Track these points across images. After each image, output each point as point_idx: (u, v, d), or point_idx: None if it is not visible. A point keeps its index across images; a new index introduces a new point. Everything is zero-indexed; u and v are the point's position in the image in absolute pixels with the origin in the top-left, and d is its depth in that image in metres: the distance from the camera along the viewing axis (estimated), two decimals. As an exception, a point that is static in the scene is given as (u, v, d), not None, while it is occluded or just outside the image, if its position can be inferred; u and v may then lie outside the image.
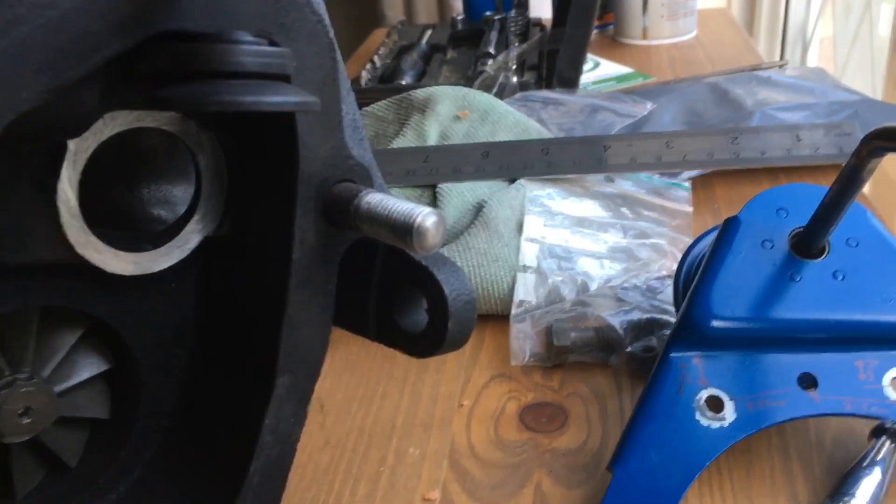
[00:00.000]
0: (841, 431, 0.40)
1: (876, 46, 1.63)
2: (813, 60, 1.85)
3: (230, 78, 0.22)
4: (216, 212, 0.29)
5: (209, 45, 0.22)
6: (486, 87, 0.78)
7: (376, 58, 0.94)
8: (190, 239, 0.28)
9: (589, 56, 0.92)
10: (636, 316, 0.47)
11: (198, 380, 0.32)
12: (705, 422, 0.36)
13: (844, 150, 0.61)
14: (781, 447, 0.40)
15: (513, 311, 0.50)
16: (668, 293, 0.49)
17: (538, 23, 1.01)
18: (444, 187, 0.58)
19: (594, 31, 0.94)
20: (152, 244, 0.28)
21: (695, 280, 0.39)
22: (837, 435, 0.40)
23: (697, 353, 0.38)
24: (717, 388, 0.37)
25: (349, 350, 0.50)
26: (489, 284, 0.51)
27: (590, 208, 0.58)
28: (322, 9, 0.26)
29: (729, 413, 0.36)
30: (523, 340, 0.48)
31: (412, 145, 0.63)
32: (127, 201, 0.30)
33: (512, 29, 0.96)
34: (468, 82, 0.80)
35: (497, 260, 0.52)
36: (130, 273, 0.27)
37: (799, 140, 0.62)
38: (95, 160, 0.25)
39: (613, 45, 1.05)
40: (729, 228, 0.40)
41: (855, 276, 0.38)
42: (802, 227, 0.39)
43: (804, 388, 0.37)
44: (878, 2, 1.63)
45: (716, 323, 0.37)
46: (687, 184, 0.62)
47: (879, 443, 0.37)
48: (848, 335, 0.38)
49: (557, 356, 0.47)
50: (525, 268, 0.51)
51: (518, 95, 0.77)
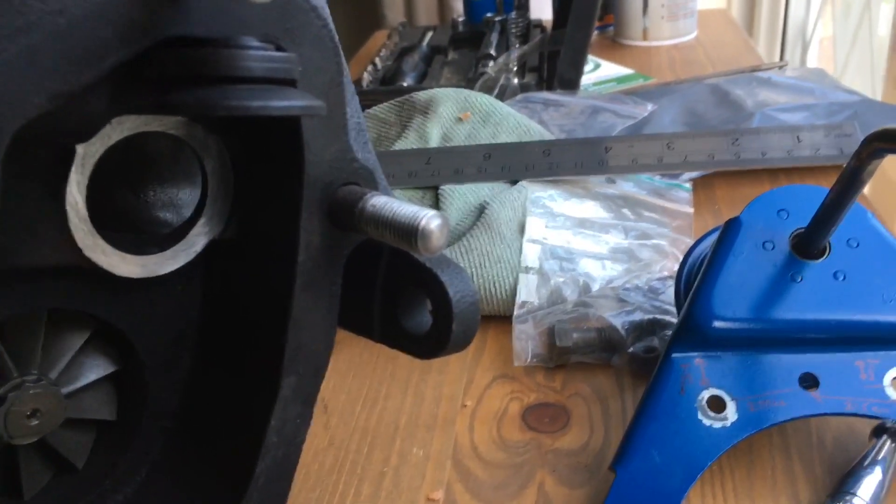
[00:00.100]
0: (842, 431, 0.41)
1: (875, 47, 1.64)
2: (813, 61, 1.85)
3: (237, 83, 0.23)
4: (222, 215, 0.29)
5: (216, 51, 0.22)
6: (488, 89, 0.78)
7: (377, 60, 0.95)
8: (196, 242, 0.29)
9: (589, 57, 0.93)
10: (638, 317, 0.48)
11: (202, 381, 0.32)
12: (707, 422, 0.36)
13: (845, 151, 0.61)
14: (783, 447, 0.40)
15: (515, 312, 0.50)
16: (670, 294, 0.49)
17: (539, 24, 1.01)
18: (447, 189, 0.58)
19: (594, 33, 0.94)
20: (159, 247, 0.28)
21: (696, 281, 0.40)
22: (838, 434, 0.40)
23: (699, 354, 0.38)
24: (719, 389, 0.37)
25: (352, 351, 0.50)
26: (491, 285, 0.51)
27: (591, 209, 0.58)
28: (327, 13, 0.26)
29: (730, 413, 0.37)
30: (525, 341, 0.48)
31: (414, 147, 0.63)
32: (133, 204, 0.30)
33: (513, 30, 0.96)
34: (469, 84, 0.80)
35: (499, 261, 0.52)
36: (137, 276, 0.27)
37: (799, 141, 0.62)
38: (102, 164, 0.26)
39: (614, 47, 1.05)
40: (730, 229, 0.40)
41: (855, 277, 0.38)
42: (803, 228, 0.39)
43: (805, 388, 0.37)
44: (878, 2, 1.63)
45: (717, 323, 0.38)
46: (688, 185, 0.62)
47: (880, 442, 0.37)
48: (849, 335, 0.38)
49: (560, 357, 0.47)
50: (527, 269, 0.52)
51: (519, 97, 0.77)
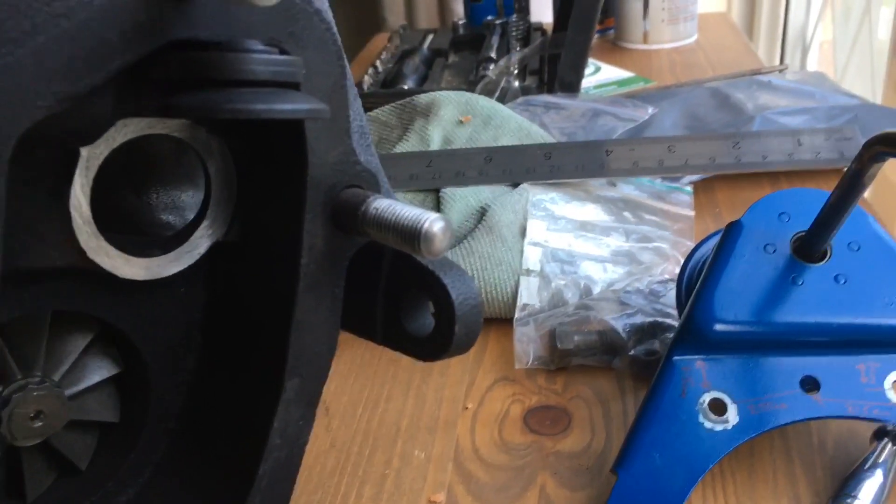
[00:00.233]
0: (843, 434, 0.41)
1: (875, 50, 1.64)
2: (812, 64, 1.85)
3: (242, 86, 0.23)
4: (225, 217, 0.29)
5: (221, 54, 0.22)
6: (488, 92, 0.79)
7: (378, 62, 0.95)
8: (199, 244, 0.29)
9: (590, 60, 0.93)
10: (639, 319, 0.48)
11: (205, 382, 0.32)
12: (708, 424, 0.36)
13: (845, 155, 0.61)
14: (784, 450, 0.40)
15: (516, 315, 0.50)
16: (671, 297, 0.49)
17: (539, 27, 1.01)
18: (448, 192, 0.58)
19: (595, 36, 0.94)
20: (162, 249, 0.28)
21: (697, 284, 0.40)
22: (839, 437, 0.40)
23: (700, 357, 0.38)
24: (720, 391, 0.37)
25: (354, 354, 0.50)
26: (493, 288, 0.51)
27: (592, 212, 0.58)
28: (330, 17, 0.27)
29: (732, 416, 0.37)
30: (527, 344, 0.48)
31: (415, 150, 0.63)
32: (136, 207, 0.30)
33: (513, 33, 0.96)
34: (470, 87, 0.80)
35: (500, 264, 0.52)
36: (141, 278, 0.27)
37: (800, 145, 0.62)
38: (105, 166, 0.26)
39: (614, 50, 1.05)
40: (731, 232, 0.40)
41: (856, 280, 0.38)
42: (804, 232, 0.39)
43: (806, 391, 0.37)
44: (878, 5, 1.63)
45: (718, 326, 0.38)
46: (689, 188, 0.62)
47: (881, 445, 0.37)
48: (850, 338, 0.38)
49: (561, 359, 0.47)
50: (528, 272, 0.52)
51: (520, 100, 0.77)
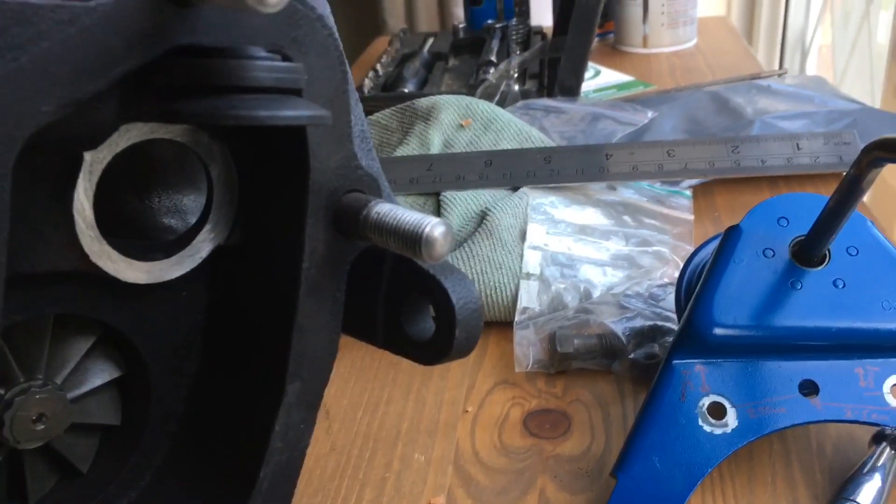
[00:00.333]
0: (841, 438, 0.41)
1: (874, 54, 1.64)
2: (812, 68, 1.86)
3: (244, 92, 0.23)
4: (227, 221, 0.29)
5: (224, 61, 0.22)
6: (488, 96, 0.79)
7: (379, 66, 0.95)
8: (201, 248, 0.29)
9: (590, 64, 0.93)
10: (638, 323, 0.48)
11: (206, 385, 0.32)
12: (707, 428, 0.37)
13: (844, 159, 0.62)
14: (783, 453, 0.40)
15: (516, 318, 0.50)
16: (670, 300, 0.49)
17: (539, 31, 1.02)
18: (448, 195, 0.59)
19: (595, 40, 0.94)
20: (164, 253, 0.28)
21: (697, 288, 0.40)
22: (838, 441, 0.41)
23: (699, 361, 0.38)
24: (719, 395, 0.37)
25: (354, 357, 0.50)
26: (493, 291, 0.51)
27: (592, 216, 0.58)
28: (332, 22, 0.27)
29: (731, 420, 0.37)
30: (527, 347, 0.49)
31: (416, 153, 0.63)
32: (138, 211, 0.30)
33: (513, 37, 0.97)
34: (470, 90, 0.80)
35: (501, 267, 0.52)
36: (143, 281, 0.28)
37: (799, 149, 0.62)
38: (108, 170, 0.26)
39: (614, 54, 1.06)
40: (730, 237, 0.40)
41: (855, 285, 0.39)
42: (803, 236, 0.39)
43: (805, 395, 0.37)
44: (877, 9, 1.63)
45: (718, 330, 0.38)
46: (688, 192, 0.63)
47: (880, 449, 0.38)
48: (848, 343, 0.38)
49: (561, 363, 0.47)
50: (528, 275, 0.52)
51: (520, 104, 0.77)
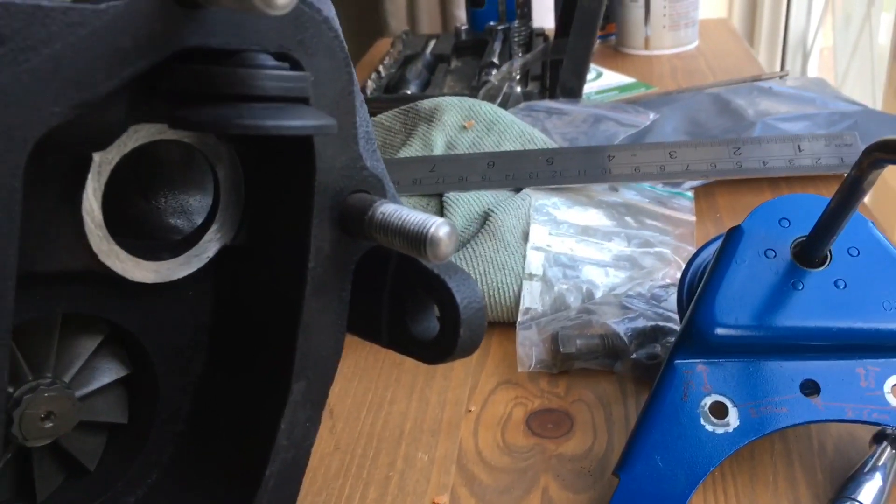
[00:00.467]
0: (842, 437, 0.41)
1: (876, 56, 1.64)
2: (813, 70, 1.86)
3: (251, 101, 0.23)
4: (233, 221, 0.30)
5: (233, 70, 0.23)
6: (491, 97, 0.79)
7: (381, 67, 0.95)
8: (208, 248, 0.29)
9: (592, 66, 0.93)
10: (641, 323, 0.48)
11: (212, 384, 0.33)
12: (709, 428, 0.37)
13: (845, 161, 0.62)
14: (784, 453, 0.40)
15: (519, 319, 0.50)
16: (672, 301, 0.50)
17: (541, 33, 1.02)
18: (451, 196, 0.59)
19: (597, 42, 0.94)
20: (172, 253, 0.28)
21: (698, 288, 0.40)
22: (839, 441, 0.41)
23: (701, 361, 0.38)
24: (721, 395, 0.38)
25: (358, 356, 0.51)
26: (496, 292, 0.52)
27: (594, 217, 0.58)
28: (337, 25, 0.27)
29: (732, 419, 0.37)
30: (529, 347, 0.49)
31: (419, 155, 0.64)
32: (145, 211, 0.31)
33: (515, 39, 0.97)
34: (472, 92, 0.81)
35: (503, 268, 0.52)
36: (151, 281, 0.28)
37: (800, 150, 0.63)
38: (116, 171, 0.26)
39: (616, 56, 1.06)
40: (732, 238, 0.40)
41: (856, 285, 0.39)
42: (804, 237, 0.39)
43: (806, 395, 0.37)
44: (878, 11, 1.63)
45: (719, 331, 0.38)
46: (690, 193, 0.63)
47: (880, 449, 0.38)
48: (849, 343, 0.38)
49: (563, 363, 0.48)
50: (531, 276, 0.52)
51: (522, 105, 0.78)
